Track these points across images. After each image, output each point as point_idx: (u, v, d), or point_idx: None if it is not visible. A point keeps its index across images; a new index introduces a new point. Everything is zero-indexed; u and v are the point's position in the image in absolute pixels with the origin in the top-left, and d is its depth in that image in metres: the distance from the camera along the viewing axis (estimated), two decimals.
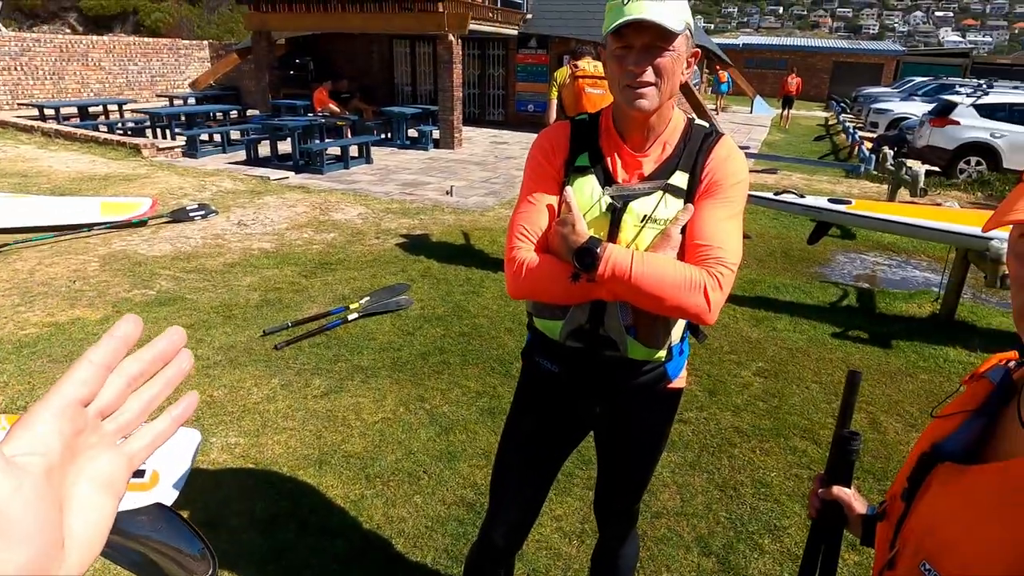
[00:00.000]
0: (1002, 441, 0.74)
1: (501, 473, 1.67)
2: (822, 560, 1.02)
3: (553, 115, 5.26)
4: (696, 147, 1.39)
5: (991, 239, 4.10)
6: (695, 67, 1.40)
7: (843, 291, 5.31)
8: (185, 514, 2.46)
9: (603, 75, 5.09)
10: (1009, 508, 0.64)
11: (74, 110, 11.81)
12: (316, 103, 11.98)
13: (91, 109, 12.15)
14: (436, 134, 12.02)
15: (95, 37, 14.51)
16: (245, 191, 7.79)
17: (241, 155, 9.86)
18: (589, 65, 5.01)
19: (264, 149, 9.85)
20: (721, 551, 2.40)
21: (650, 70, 1.28)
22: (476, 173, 9.67)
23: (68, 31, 19.58)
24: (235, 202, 7.22)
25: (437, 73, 12.46)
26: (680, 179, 1.37)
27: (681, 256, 1.33)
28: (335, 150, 9.74)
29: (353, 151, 9.90)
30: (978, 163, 11.09)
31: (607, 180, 1.39)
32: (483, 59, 16.08)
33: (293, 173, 8.90)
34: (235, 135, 10.66)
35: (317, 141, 10.01)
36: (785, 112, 19.76)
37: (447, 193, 8.13)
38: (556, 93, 5.20)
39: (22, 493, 0.32)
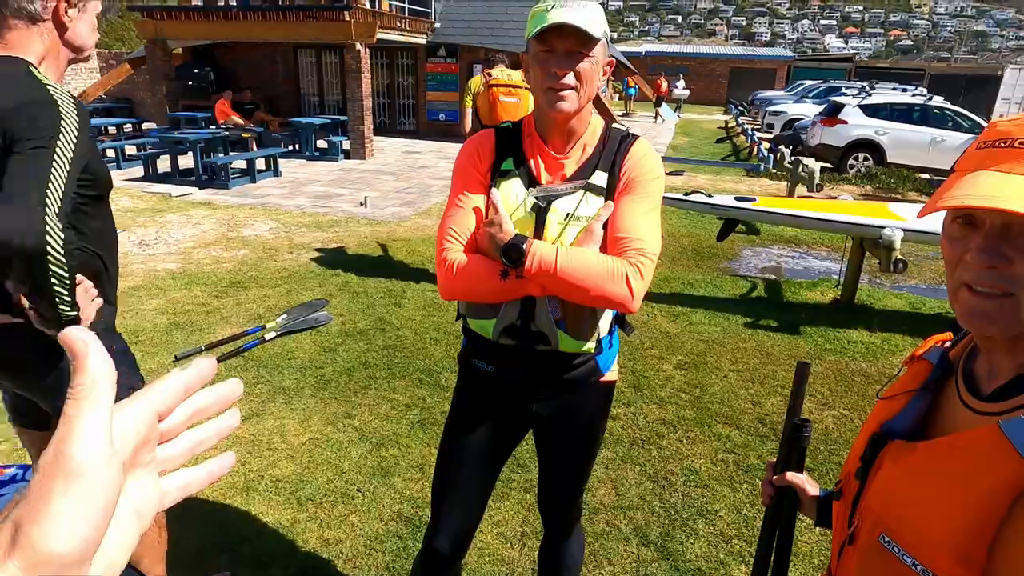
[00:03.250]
0: (945, 417, 0.80)
1: (442, 480, 1.66)
2: (777, 543, 1.06)
3: (469, 124, 5.27)
4: (614, 148, 1.46)
5: (883, 227, 4.46)
6: (609, 75, 1.47)
7: (752, 283, 5.61)
8: None
9: (517, 83, 5.17)
10: (959, 479, 0.69)
11: None
12: (218, 115, 11.46)
13: None
14: (346, 145, 11.78)
15: None
16: (145, 209, 7.35)
17: (139, 171, 9.30)
18: (503, 74, 5.04)
19: (164, 164, 9.32)
20: (659, 539, 2.47)
21: (571, 74, 1.35)
22: (390, 183, 9.55)
23: None
24: (135, 221, 6.79)
25: (345, 83, 12.22)
26: (600, 178, 1.44)
27: (604, 250, 1.39)
28: (241, 163, 9.35)
29: (260, 164, 9.54)
30: (865, 159, 12.07)
31: (531, 182, 1.45)
32: (392, 68, 15.93)
33: (197, 189, 8.48)
34: (131, 150, 10.04)
35: (221, 155, 9.58)
36: (659, 109, 22.84)
37: (361, 204, 7.98)
38: (471, 102, 5.21)
39: (112, 481, 0.31)
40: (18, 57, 1.55)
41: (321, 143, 12.20)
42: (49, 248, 1.41)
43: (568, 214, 1.41)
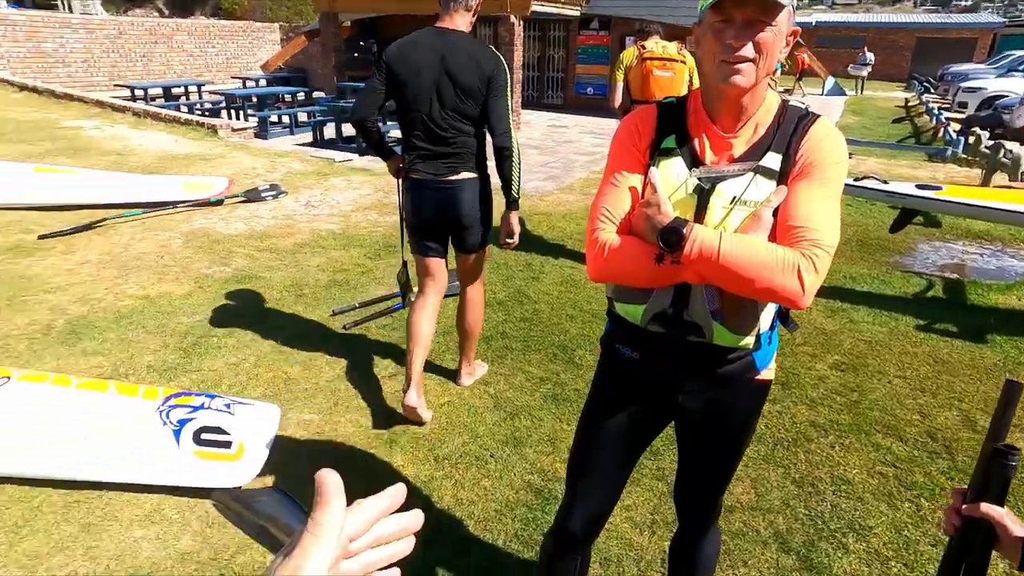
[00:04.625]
0: None
1: (579, 462, 1.64)
2: None
3: (619, 98, 5.11)
4: (790, 128, 1.33)
5: None
6: (792, 46, 1.33)
7: (928, 282, 5.00)
8: (267, 486, 2.53)
9: (672, 56, 4.92)
10: None
11: (160, 91, 12.29)
12: None
13: (174, 90, 12.62)
14: None
15: (180, 20, 15.03)
16: (312, 172, 7.96)
17: (308, 136, 10.07)
18: (657, 46, 4.83)
19: (330, 131, 10.02)
20: (801, 548, 2.30)
21: (749, 45, 1.23)
22: (534, 157, 9.59)
23: (156, 14, 20.37)
24: (303, 183, 7.39)
25: None
26: (772, 160, 1.31)
27: (773, 239, 1.27)
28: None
29: None
30: None
31: (694, 162, 1.36)
32: (543, 41, 15.89)
33: (357, 155, 9.04)
34: (302, 117, 10.89)
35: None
36: (798, 83, 21.47)
37: None
38: (622, 76, 5.03)
39: None
40: (464, 32, 2.74)
41: None
42: (515, 151, 2.83)
43: (734, 198, 1.30)
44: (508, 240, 3.02)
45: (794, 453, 2.84)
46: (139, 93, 11.71)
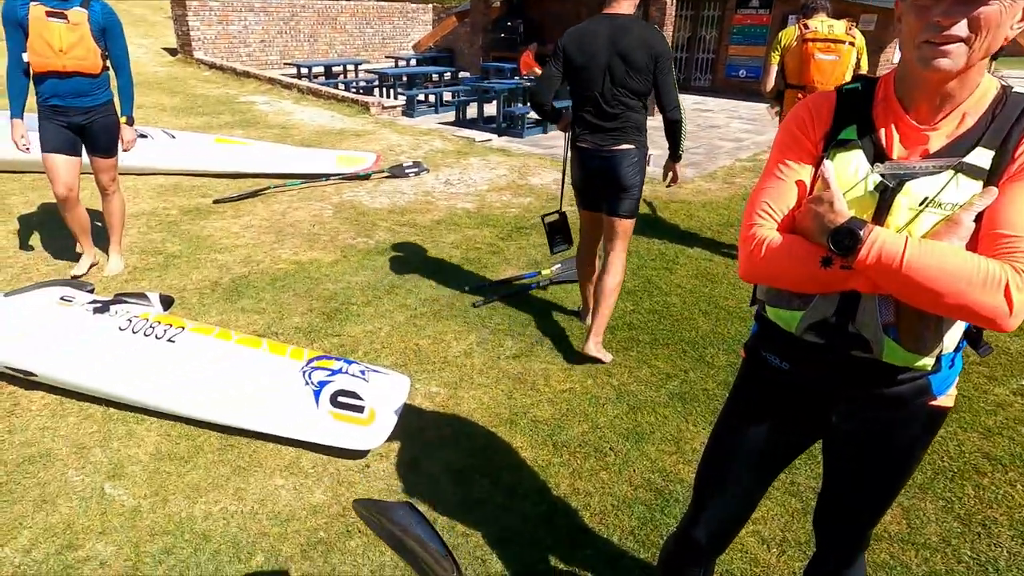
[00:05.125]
0: None
1: (711, 472, 1.54)
2: None
3: (771, 82, 4.70)
4: (1011, 119, 1.11)
5: None
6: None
7: None
8: (393, 452, 2.66)
9: (839, 37, 4.44)
10: None
11: (321, 69, 13.23)
12: (522, 66, 12.15)
13: (334, 69, 13.52)
14: None
15: (344, 2, 15.98)
16: (453, 151, 8.19)
17: (451, 116, 10.36)
18: (822, 25, 4.37)
19: (471, 111, 10.24)
20: None
21: (963, 23, 1.04)
22: None
23: None
24: (443, 161, 7.62)
25: None
26: (981, 157, 1.11)
27: (972, 250, 1.09)
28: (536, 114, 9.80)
29: None
30: None
31: (878, 156, 1.18)
32: (695, 21, 15.15)
33: (496, 135, 9.16)
34: (447, 96, 11.21)
35: (519, 105, 10.18)
36: (994, 63, 18.38)
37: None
38: (778, 57, 4.62)
39: None
40: (631, 15, 3.09)
41: None
42: (684, 123, 3.23)
43: (926, 198, 1.12)
44: (671, 184, 3.66)
45: (960, 486, 2.51)
46: (304, 71, 12.65)
